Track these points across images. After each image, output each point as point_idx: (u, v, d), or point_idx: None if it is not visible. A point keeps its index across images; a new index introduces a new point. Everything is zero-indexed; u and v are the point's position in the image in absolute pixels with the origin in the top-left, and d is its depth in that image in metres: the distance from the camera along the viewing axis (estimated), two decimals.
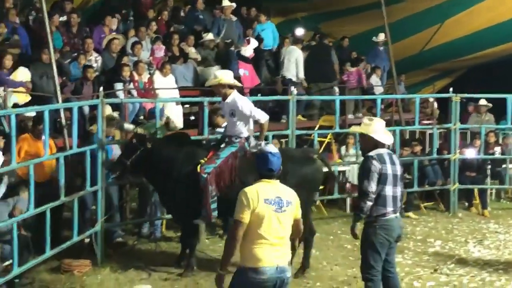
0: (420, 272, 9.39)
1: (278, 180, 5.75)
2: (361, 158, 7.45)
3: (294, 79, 15.24)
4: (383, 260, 7.03)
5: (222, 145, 9.00)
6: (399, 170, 7.03)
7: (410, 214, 12.78)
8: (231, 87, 8.93)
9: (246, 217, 5.47)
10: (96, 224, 9.52)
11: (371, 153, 6.89)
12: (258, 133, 9.22)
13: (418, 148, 13.60)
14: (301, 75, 15.40)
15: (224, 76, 8.95)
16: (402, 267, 9.41)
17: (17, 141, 8.25)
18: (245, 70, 14.44)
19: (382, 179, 6.84)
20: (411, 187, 12.66)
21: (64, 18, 14.29)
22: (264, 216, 5.48)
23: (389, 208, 6.91)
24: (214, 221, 9.48)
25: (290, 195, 5.73)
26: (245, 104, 8.84)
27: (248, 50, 14.70)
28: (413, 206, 13.09)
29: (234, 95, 8.90)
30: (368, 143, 7.03)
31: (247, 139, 8.97)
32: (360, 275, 7.67)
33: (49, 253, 8.46)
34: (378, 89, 16.89)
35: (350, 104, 15.79)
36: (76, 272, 8.99)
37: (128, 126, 10.23)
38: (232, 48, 14.72)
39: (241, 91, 13.61)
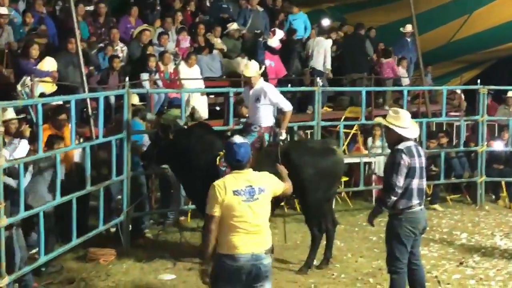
0: (446, 265, 9.33)
1: (250, 169, 5.82)
2: (388, 150, 7.40)
3: (322, 70, 15.36)
4: (408, 252, 6.99)
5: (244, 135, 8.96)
6: (424, 162, 6.99)
7: (436, 206, 12.69)
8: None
9: (216, 210, 5.58)
10: (121, 214, 9.57)
11: (400, 146, 6.79)
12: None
13: (444, 140, 13.49)
14: (328, 66, 15.45)
15: (258, 67, 9.09)
16: (427, 260, 9.36)
17: None
18: (271, 61, 14.48)
19: (410, 173, 6.78)
20: (437, 179, 12.58)
21: (90, 8, 14.36)
22: (234, 207, 5.58)
23: (415, 201, 6.87)
24: None
25: (262, 182, 5.78)
26: (272, 90, 8.98)
27: (274, 41, 14.67)
28: (439, 198, 12.99)
29: (261, 82, 9.03)
30: (393, 136, 6.95)
31: (271, 128, 8.95)
32: (385, 267, 7.64)
33: (75, 241, 8.50)
34: (405, 81, 16.79)
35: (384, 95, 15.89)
36: (102, 261, 9.07)
37: (151, 116, 10.23)
38: (260, 39, 14.82)
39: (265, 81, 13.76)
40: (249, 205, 5.61)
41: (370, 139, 13.60)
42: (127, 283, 8.41)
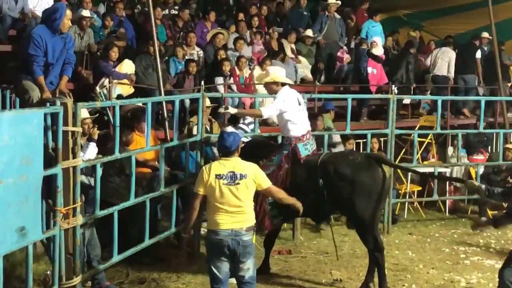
0: None
1: (237, 157, 6.75)
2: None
3: (446, 77, 16.06)
4: None
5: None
6: None
7: None
8: (283, 84, 8.58)
9: (200, 189, 6.66)
10: None
11: None
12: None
13: None
14: (452, 74, 16.09)
15: (277, 73, 8.63)
16: None
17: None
18: (373, 69, 14.74)
19: None
20: None
21: (166, 11, 14.58)
22: (215, 189, 6.57)
23: None
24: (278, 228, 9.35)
25: (245, 169, 6.68)
26: (276, 97, 8.45)
27: (379, 50, 14.98)
28: None
29: (278, 93, 8.49)
30: None
31: (300, 139, 8.44)
32: (458, 279, 7.50)
33: (147, 242, 8.59)
34: (482, 90, 16.57)
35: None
36: (173, 261, 9.16)
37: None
38: (364, 47, 15.13)
39: (367, 88, 14.15)
40: (230, 188, 6.57)
41: (450, 148, 13.49)
42: (197, 285, 8.49)
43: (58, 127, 6.66)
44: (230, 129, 6.90)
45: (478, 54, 16.35)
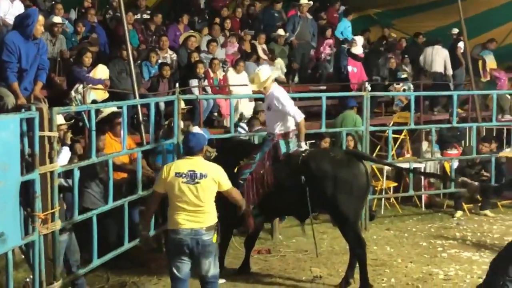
0: None
1: (200, 157, 6.78)
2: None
3: (442, 74, 16.35)
4: None
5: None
6: None
7: (487, 212, 12.54)
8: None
9: (159, 187, 6.76)
10: None
11: None
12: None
13: (494, 146, 13.30)
14: (450, 72, 16.40)
15: (271, 72, 8.73)
16: (479, 265, 9.28)
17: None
18: (353, 67, 14.83)
19: None
20: None
21: (139, 16, 14.56)
22: (174, 186, 6.58)
23: None
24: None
25: (207, 169, 6.69)
26: (281, 97, 8.45)
27: (358, 49, 15.01)
28: (490, 204, 12.80)
29: (272, 88, 8.57)
30: None
31: (284, 136, 8.51)
32: (436, 273, 7.50)
33: (127, 245, 8.58)
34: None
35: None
36: (154, 265, 9.17)
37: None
38: (345, 46, 15.24)
39: (347, 86, 14.05)
40: (189, 187, 6.57)
41: (425, 143, 13.60)
42: None
43: (34, 132, 6.65)
44: (195, 129, 7.14)
45: (460, 44, 16.43)
